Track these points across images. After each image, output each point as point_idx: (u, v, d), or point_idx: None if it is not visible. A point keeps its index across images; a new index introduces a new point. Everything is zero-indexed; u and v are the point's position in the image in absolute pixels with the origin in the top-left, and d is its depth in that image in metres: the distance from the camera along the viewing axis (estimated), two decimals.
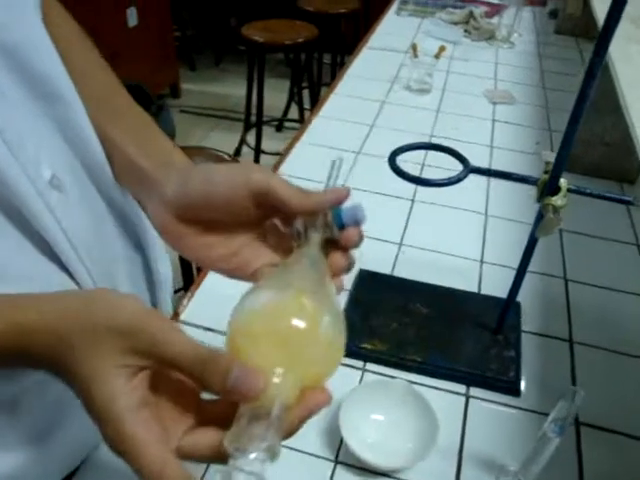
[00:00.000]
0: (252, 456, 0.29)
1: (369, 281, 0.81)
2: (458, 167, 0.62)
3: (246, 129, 2.72)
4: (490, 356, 0.70)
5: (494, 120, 1.27)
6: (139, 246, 0.61)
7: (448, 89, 1.40)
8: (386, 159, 0.58)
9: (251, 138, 2.63)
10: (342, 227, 0.41)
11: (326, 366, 0.35)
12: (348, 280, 0.81)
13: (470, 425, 0.64)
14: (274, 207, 0.40)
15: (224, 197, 0.40)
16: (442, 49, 1.33)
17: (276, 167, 1.07)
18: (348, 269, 0.41)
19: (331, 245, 0.41)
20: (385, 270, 0.84)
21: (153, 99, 2.65)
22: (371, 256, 0.86)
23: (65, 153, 0.48)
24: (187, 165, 0.46)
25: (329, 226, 0.41)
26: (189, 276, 1.29)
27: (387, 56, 1.56)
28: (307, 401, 0.33)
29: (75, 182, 0.48)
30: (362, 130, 1.20)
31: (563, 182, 0.56)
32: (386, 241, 0.90)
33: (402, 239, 0.91)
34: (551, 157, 0.58)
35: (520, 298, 0.79)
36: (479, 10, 1.77)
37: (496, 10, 1.83)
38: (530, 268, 0.86)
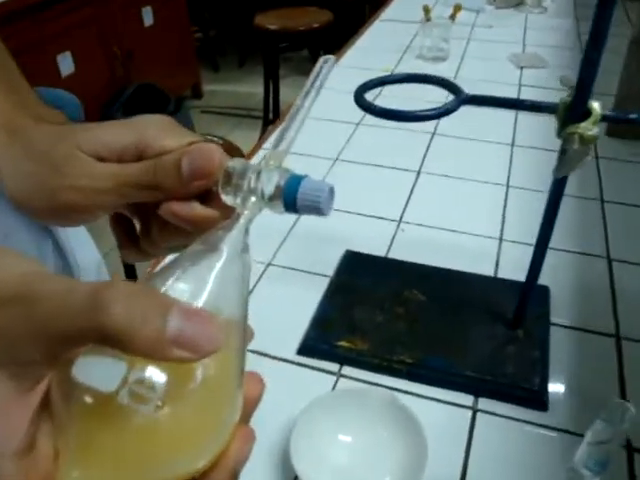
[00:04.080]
0: None
1: (356, 264, 0.65)
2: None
3: (265, 125, 2.60)
4: (506, 357, 0.53)
5: (520, 85, 1.09)
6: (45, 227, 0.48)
7: (468, 55, 1.22)
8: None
9: None
10: (292, 206, 0.25)
11: (186, 463, 0.22)
12: (330, 264, 0.65)
13: (476, 448, 0.47)
14: None
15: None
16: (458, 8, 1.16)
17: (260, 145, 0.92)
18: None
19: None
20: (379, 252, 0.68)
21: (170, 98, 2.57)
22: (361, 236, 0.70)
23: None
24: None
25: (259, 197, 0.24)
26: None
27: (400, 27, 1.40)
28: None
29: None
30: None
31: (596, 105, 0.39)
32: (381, 218, 0.74)
33: (402, 216, 0.74)
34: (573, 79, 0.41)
35: (548, 282, 0.62)
36: None
37: None
38: (563, 246, 0.69)
